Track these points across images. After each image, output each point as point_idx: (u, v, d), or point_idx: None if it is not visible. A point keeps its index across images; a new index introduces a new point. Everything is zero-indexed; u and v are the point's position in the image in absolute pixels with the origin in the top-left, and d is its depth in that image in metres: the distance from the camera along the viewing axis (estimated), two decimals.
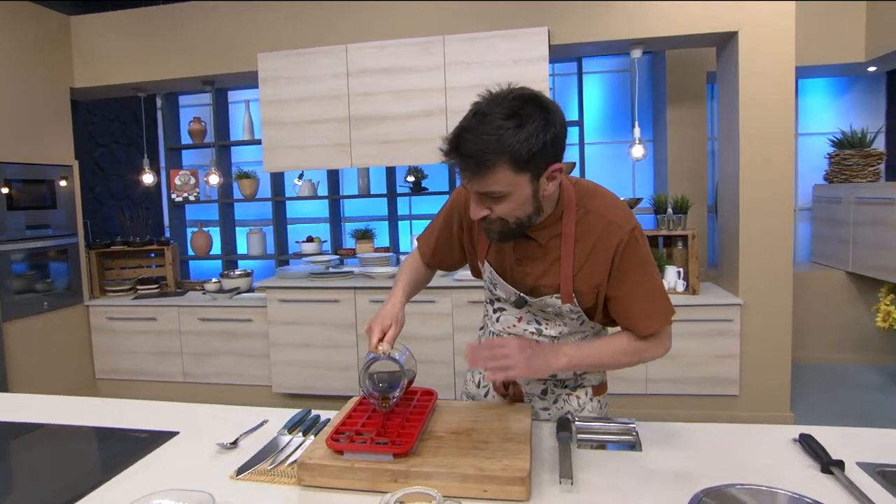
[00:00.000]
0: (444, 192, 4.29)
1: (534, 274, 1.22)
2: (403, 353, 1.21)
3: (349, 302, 3.41)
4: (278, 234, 4.42)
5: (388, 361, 1.17)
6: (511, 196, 1.06)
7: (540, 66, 3.16)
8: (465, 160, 1.02)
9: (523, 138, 1.00)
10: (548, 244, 1.19)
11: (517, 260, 1.23)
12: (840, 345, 4.17)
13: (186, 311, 3.69)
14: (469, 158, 1.01)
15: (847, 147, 4.14)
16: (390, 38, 3.30)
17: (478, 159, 1.01)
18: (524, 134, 1.00)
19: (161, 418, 1.43)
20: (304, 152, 3.44)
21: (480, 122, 1.01)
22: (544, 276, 1.21)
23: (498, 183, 1.03)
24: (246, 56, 3.52)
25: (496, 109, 1.01)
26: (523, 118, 1.00)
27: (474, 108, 1.04)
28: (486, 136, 0.99)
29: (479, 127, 1.00)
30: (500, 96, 1.04)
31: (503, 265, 1.26)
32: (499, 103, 1.02)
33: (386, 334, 1.19)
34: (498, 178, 1.03)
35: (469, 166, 1.03)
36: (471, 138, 1.01)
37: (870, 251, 3.81)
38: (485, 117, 1.01)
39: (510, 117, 1.00)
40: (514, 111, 1.00)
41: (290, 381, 3.52)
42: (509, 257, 1.24)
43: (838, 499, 0.97)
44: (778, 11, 2.97)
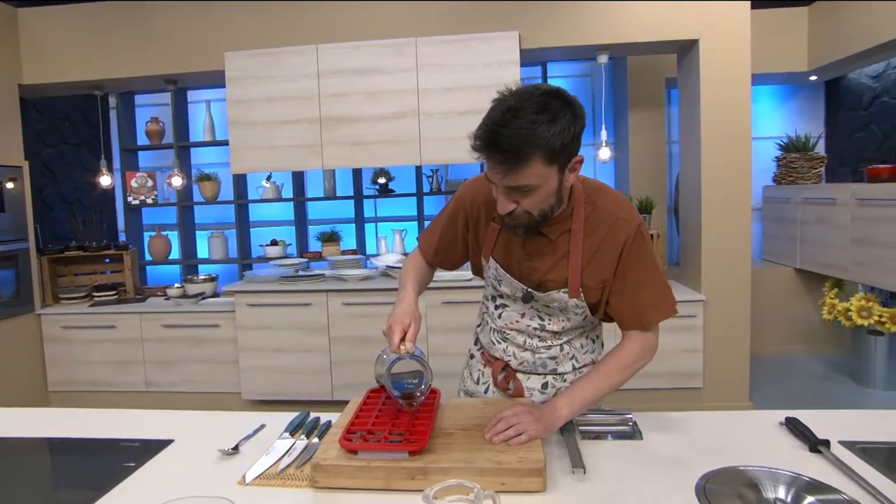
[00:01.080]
0: (411, 194, 4.29)
1: (542, 269, 1.25)
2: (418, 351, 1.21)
3: (321, 305, 3.36)
4: (241, 238, 4.32)
5: (409, 360, 1.16)
6: (540, 189, 1.09)
7: (511, 69, 3.21)
8: (503, 154, 1.03)
9: (556, 132, 1.03)
10: (557, 240, 1.23)
11: (526, 255, 1.26)
12: (790, 337, 4.41)
13: (148, 318, 3.55)
14: (507, 153, 1.03)
15: (793, 151, 4.39)
16: (362, 39, 3.29)
17: (515, 153, 1.02)
18: (557, 128, 1.03)
19: (150, 427, 1.38)
20: (273, 153, 3.38)
21: (514, 116, 1.02)
22: (552, 271, 1.24)
23: (531, 176, 1.06)
24: (211, 54, 3.42)
25: (527, 105, 1.03)
26: (554, 112, 1.03)
27: (503, 105, 1.05)
28: (522, 130, 1.01)
29: (513, 121, 1.02)
30: (526, 92, 1.06)
31: (510, 261, 1.29)
32: (528, 98, 1.04)
33: (406, 333, 1.17)
34: (532, 171, 1.05)
35: (506, 160, 1.04)
36: (507, 133, 1.02)
37: (815, 248, 4.05)
38: (517, 112, 1.02)
39: (542, 112, 1.02)
40: (545, 106, 1.03)
41: (260, 387, 3.44)
42: (517, 253, 1.27)
43: (828, 475, 1.03)
44: (735, 20, 3.13)
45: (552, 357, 1.34)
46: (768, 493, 0.98)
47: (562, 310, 1.28)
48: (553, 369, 1.35)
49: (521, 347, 1.35)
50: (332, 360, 3.38)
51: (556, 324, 1.30)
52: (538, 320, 1.31)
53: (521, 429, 1.10)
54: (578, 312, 1.28)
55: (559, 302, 1.26)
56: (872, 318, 3.53)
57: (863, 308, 3.57)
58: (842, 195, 3.70)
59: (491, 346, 1.40)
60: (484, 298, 1.45)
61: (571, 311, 1.28)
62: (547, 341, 1.33)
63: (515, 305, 1.33)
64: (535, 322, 1.31)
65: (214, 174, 4.31)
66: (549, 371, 1.36)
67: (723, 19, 3.13)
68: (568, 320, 1.30)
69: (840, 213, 3.73)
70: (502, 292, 1.34)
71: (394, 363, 1.15)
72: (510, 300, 1.34)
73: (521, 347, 1.35)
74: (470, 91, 3.26)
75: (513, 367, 1.38)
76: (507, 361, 1.38)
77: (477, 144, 1.06)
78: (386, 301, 3.31)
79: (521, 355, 1.36)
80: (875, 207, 3.42)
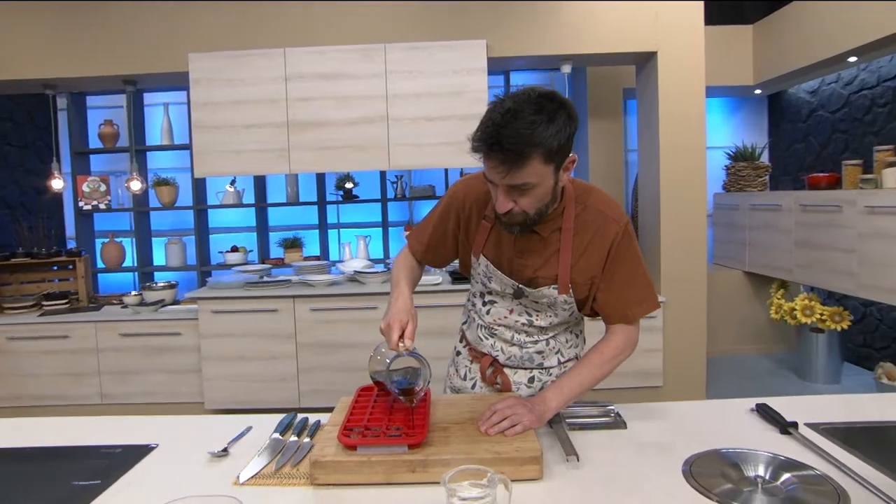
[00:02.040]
0: (375, 200, 4.29)
1: (533, 266, 1.29)
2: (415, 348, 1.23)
3: (288, 311, 3.31)
4: (200, 244, 4.21)
5: (407, 358, 1.17)
6: (538, 187, 1.13)
7: (479, 77, 3.28)
8: (505, 153, 1.07)
9: (554, 132, 1.07)
10: (549, 237, 1.27)
11: (518, 252, 1.29)
12: (739, 337, 4.64)
13: (104, 327, 3.40)
14: (509, 152, 1.06)
15: (740, 160, 4.64)
16: (331, 44, 3.28)
17: (517, 152, 1.06)
18: (554, 128, 1.07)
19: (129, 433, 1.34)
20: (238, 157, 3.32)
21: (514, 117, 1.06)
22: (543, 268, 1.28)
23: (531, 174, 1.10)
24: (174, 55, 3.34)
25: (525, 106, 1.07)
26: (551, 113, 1.08)
27: (501, 107, 1.08)
28: (523, 130, 1.05)
29: (513, 122, 1.06)
30: (523, 94, 1.10)
31: (501, 258, 1.32)
32: (526, 100, 1.08)
33: (405, 331, 1.19)
34: (531, 170, 1.09)
35: (508, 160, 1.07)
36: (509, 133, 1.05)
37: (762, 252, 4.28)
38: (517, 113, 1.06)
39: (539, 112, 1.07)
40: (542, 107, 1.07)
41: (224, 396, 3.35)
42: (509, 251, 1.30)
43: (799, 453, 1.11)
44: (690, 35, 3.30)
45: (539, 352, 1.39)
46: (749, 472, 1.05)
47: (550, 306, 1.32)
48: (539, 363, 1.40)
49: (508, 343, 1.39)
50: (300, 367, 3.33)
51: (544, 319, 1.35)
52: (526, 316, 1.35)
53: (515, 420, 1.13)
54: (567, 308, 1.32)
55: (549, 298, 1.30)
56: (815, 316, 3.76)
57: (806, 307, 3.80)
58: (786, 202, 3.94)
59: (478, 343, 1.43)
60: (471, 295, 1.48)
61: (560, 307, 1.32)
62: (534, 336, 1.37)
63: (504, 302, 1.37)
64: (524, 318, 1.35)
65: (172, 179, 4.19)
66: (535, 365, 1.40)
67: (679, 34, 3.30)
68: (556, 315, 1.34)
69: (785, 218, 3.96)
70: (492, 289, 1.37)
71: (393, 360, 1.16)
72: (499, 297, 1.37)
73: (508, 343, 1.39)
74: (438, 97, 3.31)
75: (500, 363, 1.41)
76: (494, 357, 1.41)
77: (478, 145, 1.10)
78: (354, 306, 3.30)
79: (509, 350, 1.39)
80: (816, 213, 3.66)
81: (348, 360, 3.31)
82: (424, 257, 1.46)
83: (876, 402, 1.42)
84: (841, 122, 4.20)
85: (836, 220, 3.47)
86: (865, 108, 3.97)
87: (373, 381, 1.29)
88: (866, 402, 1.42)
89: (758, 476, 1.04)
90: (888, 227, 3.11)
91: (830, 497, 0.95)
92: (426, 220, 1.45)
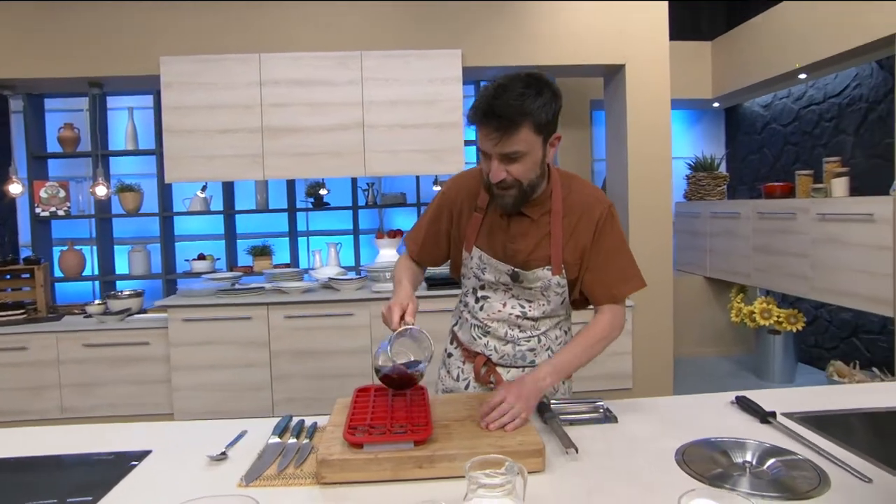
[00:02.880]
0: (346, 208, 4.29)
1: (526, 249, 1.36)
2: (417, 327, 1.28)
3: (261, 319, 3.27)
4: (166, 252, 4.11)
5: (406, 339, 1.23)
6: (528, 156, 1.22)
7: (454, 86, 3.33)
8: (498, 121, 1.17)
9: (541, 104, 1.18)
10: (539, 220, 1.35)
11: (510, 238, 1.36)
12: (700, 340, 4.82)
13: (67, 338, 3.28)
14: (501, 119, 1.17)
15: (700, 170, 4.84)
16: (307, 51, 3.28)
17: (509, 120, 1.17)
18: (541, 101, 1.18)
19: (119, 440, 1.31)
20: (211, 163, 3.27)
21: (505, 90, 1.17)
22: (536, 250, 1.35)
23: (521, 142, 1.20)
24: (144, 58, 3.27)
25: (515, 81, 1.18)
26: (538, 88, 1.19)
27: (493, 84, 1.20)
28: (513, 101, 1.16)
29: (504, 94, 1.17)
30: (512, 74, 1.21)
31: (495, 246, 1.38)
32: (514, 78, 1.20)
33: (405, 312, 1.25)
34: (522, 138, 1.19)
35: (501, 126, 1.17)
36: (500, 104, 1.16)
37: (722, 258, 4.48)
38: (507, 87, 1.17)
39: (528, 87, 1.18)
40: (530, 83, 1.18)
41: (194, 407, 3.27)
42: (502, 237, 1.37)
43: (780, 440, 1.18)
44: (656, 49, 3.45)
45: (531, 349, 1.43)
46: (737, 458, 1.11)
47: (544, 291, 1.38)
48: (531, 361, 1.44)
49: (502, 340, 1.43)
50: (273, 376, 3.28)
51: (537, 308, 1.40)
52: (519, 308, 1.40)
53: (514, 414, 1.17)
54: (559, 292, 1.39)
55: (543, 281, 1.36)
56: (773, 318, 3.95)
57: (765, 310, 3.99)
58: (744, 209, 4.13)
59: (472, 342, 1.47)
60: (463, 296, 1.52)
61: (553, 291, 1.38)
62: (527, 332, 1.42)
63: (497, 296, 1.41)
64: (517, 310, 1.40)
65: (137, 185, 4.08)
66: (528, 363, 1.44)
67: (646, 47, 3.44)
68: (548, 303, 1.40)
69: (743, 225, 4.16)
70: (485, 282, 1.42)
71: (396, 336, 1.20)
72: (492, 290, 1.42)
73: (502, 340, 1.43)
74: (414, 105, 3.35)
75: (493, 362, 1.45)
76: (488, 356, 1.45)
77: (474, 115, 1.21)
78: (329, 313, 3.28)
79: (503, 349, 1.43)
80: (772, 220, 3.86)
81: (323, 368, 3.29)
82: (420, 256, 1.51)
83: (841, 393, 1.52)
84: (792, 135, 4.44)
85: (790, 226, 3.67)
86: (814, 122, 4.22)
87: (377, 373, 1.31)
88: (834, 393, 1.52)
89: (745, 461, 1.10)
90: (838, 233, 3.31)
91: (812, 479, 1.02)
92: (420, 222, 1.52)
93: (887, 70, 3.60)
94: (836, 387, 1.56)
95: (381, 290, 3.33)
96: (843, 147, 3.92)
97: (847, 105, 3.91)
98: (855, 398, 1.44)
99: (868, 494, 0.98)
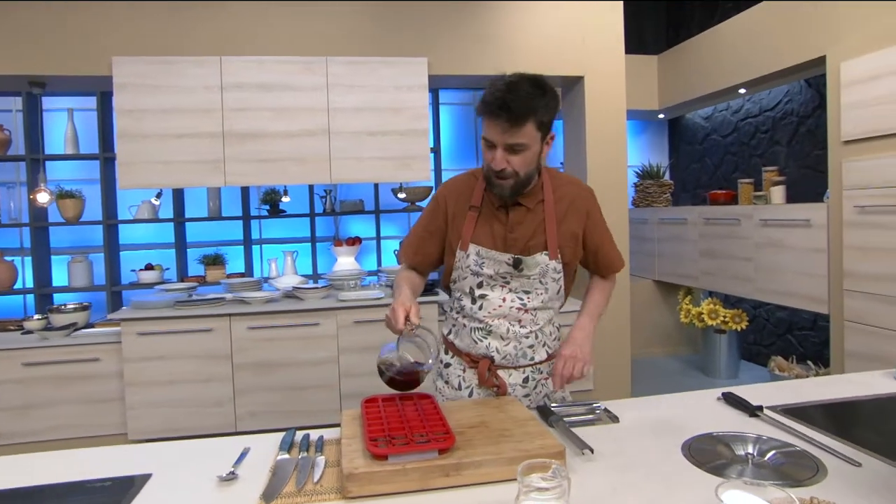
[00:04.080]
0: (303, 215, 4.20)
1: (524, 237, 1.45)
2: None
3: (223, 330, 3.14)
4: (111, 263, 3.88)
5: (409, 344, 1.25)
6: (529, 150, 1.34)
7: (420, 94, 3.34)
8: (509, 114, 1.28)
9: (545, 104, 1.32)
10: (534, 209, 1.47)
11: (509, 228, 1.45)
12: (651, 341, 5.04)
13: (2, 357, 3.02)
14: (512, 113, 1.28)
15: (647, 178, 5.08)
16: (270, 55, 3.20)
17: (518, 114, 1.29)
18: (545, 102, 1.32)
19: (112, 465, 1.23)
20: (169, 168, 3.12)
21: (516, 88, 1.29)
22: (533, 237, 1.46)
23: (525, 136, 1.32)
24: (93, 57, 3.08)
25: (522, 81, 1.31)
26: (542, 90, 1.32)
27: (501, 81, 1.32)
28: (524, 97, 1.29)
29: (516, 90, 1.29)
30: (520, 75, 1.34)
31: (494, 238, 1.46)
32: (522, 78, 1.32)
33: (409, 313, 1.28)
34: (526, 132, 1.31)
35: (510, 119, 1.29)
36: (513, 98, 1.28)
37: (670, 262, 4.71)
38: (517, 86, 1.29)
39: (535, 87, 1.31)
40: (536, 84, 1.32)
41: (151, 425, 3.10)
42: (500, 229, 1.45)
43: (771, 432, 1.26)
44: (613, 61, 3.60)
45: (530, 346, 1.49)
46: (739, 451, 1.18)
47: (542, 277, 1.45)
48: (531, 358, 1.50)
49: (504, 340, 1.47)
50: (236, 389, 3.17)
51: (536, 298, 1.47)
52: (519, 300, 1.46)
53: (580, 364, 1.40)
54: (556, 278, 1.47)
55: (541, 266, 1.44)
56: (719, 318, 4.18)
57: (712, 311, 4.22)
58: (691, 216, 4.37)
59: (473, 346, 1.49)
60: (455, 302, 1.55)
61: (550, 277, 1.46)
62: (527, 326, 1.48)
63: (495, 291, 1.46)
64: (517, 302, 1.46)
65: (78, 191, 3.83)
66: (528, 361, 1.50)
67: (603, 60, 3.58)
68: (546, 291, 1.47)
69: (690, 231, 4.39)
70: (484, 278, 1.46)
71: (403, 337, 1.21)
72: (489, 287, 1.46)
73: (504, 340, 1.47)
74: (380, 112, 3.33)
75: (496, 364, 1.48)
76: (491, 357, 1.48)
77: (486, 107, 1.31)
78: (294, 323, 3.20)
79: (505, 349, 1.47)
80: (717, 226, 4.10)
81: (289, 380, 3.20)
82: (415, 260, 1.56)
83: (812, 386, 1.64)
84: (731, 146, 4.74)
85: (735, 231, 3.91)
86: (751, 134, 4.52)
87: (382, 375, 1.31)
88: (804, 386, 1.63)
89: (748, 453, 1.17)
90: (779, 238, 3.55)
91: (811, 467, 1.10)
92: (414, 229, 1.58)
93: (815, 88, 3.91)
94: (810, 380, 1.68)
95: (346, 298, 3.29)
96: (778, 157, 4.23)
97: (780, 119, 4.22)
98: (818, 391, 1.56)
99: (861, 478, 1.06)
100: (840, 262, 3.11)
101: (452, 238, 1.50)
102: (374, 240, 4.42)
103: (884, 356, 2.86)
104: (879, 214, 2.85)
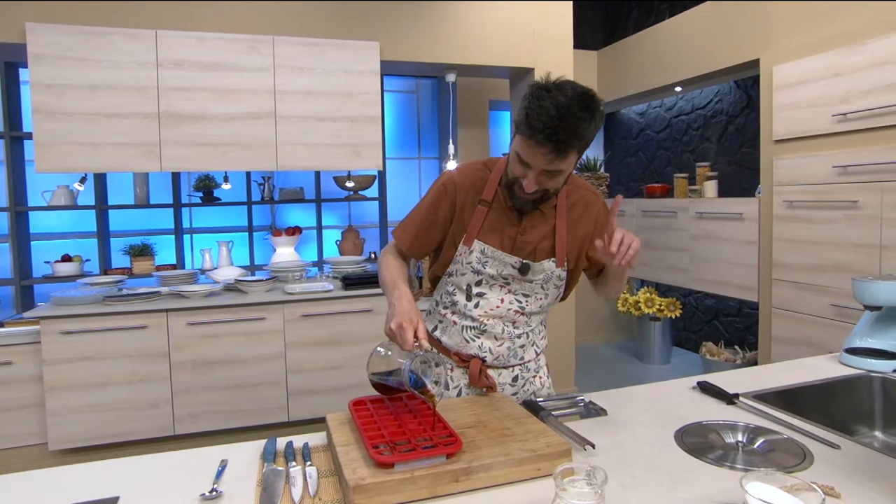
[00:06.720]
0: (240, 203, 3.98)
1: (534, 241, 1.38)
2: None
3: (160, 327, 2.91)
4: (20, 254, 3.49)
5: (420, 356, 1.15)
6: (565, 173, 1.26)
7: (372, 79, 3.23)
8: (556, 144, 1.15)
9: (592, 129, 1.18)
10: (547, 213, 1.39)
11: (521, 231, 1.37)
12: (587, 328, 5.21)
13: None
14: (560, 143, 1.15)
15: (585, 171, 5.21)
16: (212, 31, 2.97)
17: (567, 144, 1.16)
18: (593, 126, 1.18)
19: (67, 488, 1.09)
20: (96, 151, 2.82)
21: (568, 112, 1.13)
22: (543, 241, 1.39)
23: (567, 163, 1.21)
24: (2, 23, 2.72)
25: (574, 103, 1.14)
26: (593, 111, 1.16)
27: (553, 99, 1.13)
28: (573, 126, 1.14)
29: (567, 118, 1.13)
30: (569, 88, 1.16)
31: (502, 238, 1.38)
32: (574, 96, 1.14)
33: (417, 330, 1.16)
34: (569, 160, 1.21)
35: (557, 149, 1.16)
36: (563, 126, 1.13)
37: None
38: (569, 108, 1.13)
39: (585, 110, 1.15)
40: (587, 105, 1.15)
41: (75, 433, 2.82)
42: (511, 231, 1.38)
43: (750, 419, 1.32)
44: (562, 55, 3.64)
45: (521, 346, 1.46)
46: (729, 439, 1.22)
47: (545, 283, 1.41)
48: (521, 357, 1.47)
49: (497, 340, 1.42)
50: (175, 390, 2.95)
51: (534, 303, 1.42)
52: (517, 303, 1.41)
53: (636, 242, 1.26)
54: (558, 285, 1.44)
55: (547, 273, 1.40)
56: (655, 307, 4.38)
57: (648, 299, 4.41)
58: (629, 208, 4.53)
59: (464, 345, 1.43)
60: (445, 296, 1.47)
61: (553, 284, 1.42)
62: (521, 328, 1.44)
63: (494, 291, 1.40)
64: (515, 305, 1.41)
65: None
66: (518, 361, 1.46)
67: (552, 52, 3.62)
68: (546, 297, 1.43)
69: (628, 222, 4.56)
70: (484, 276, 1.39)
71: (413, 361, 1.12)
72: (488, 286, 1.40)
73: (497, 340, 1.42)
74: (331, 97, 3.19)
75: (487, 363, 1.43)
76: (482, 358, 1.43)
77: (532, 132, 1.15)
78: (238, 318, 3.02)
79: (497, 349, 1.43)
80: (655, 218, 4.28)
81: (233, 378, 3.02)
82: (411, 247, 1.45)
83: (771, 372, 1.72)
84: (664, 141, 4.96)
85: (672, 223, 4.10)
86: (683, 130, 4.75)
87: (372, 383, 1.23)
88: (764, 373, 1.71)
89: (738, 441, 1.21)
90: (712, 230, 3.76)
91: (798, 453, 1.14)
92: (414, 212, 1.46)
93: (743, 89, 4.15)
94: (770, 366, 1.78)
95: (293, 291, 3.14)
96: (708, 153, 4.47)
97: (711, 117, 4.46)
98: (777, 376, 1.65)
99: (842, 461, 1.12)
100: (770, 253, 3.33)
101: (456, 230, 1.40)
102: (314, 229, 4.26)
103: (807, 340, 3.10)
104: (806, 209, 3.07)
